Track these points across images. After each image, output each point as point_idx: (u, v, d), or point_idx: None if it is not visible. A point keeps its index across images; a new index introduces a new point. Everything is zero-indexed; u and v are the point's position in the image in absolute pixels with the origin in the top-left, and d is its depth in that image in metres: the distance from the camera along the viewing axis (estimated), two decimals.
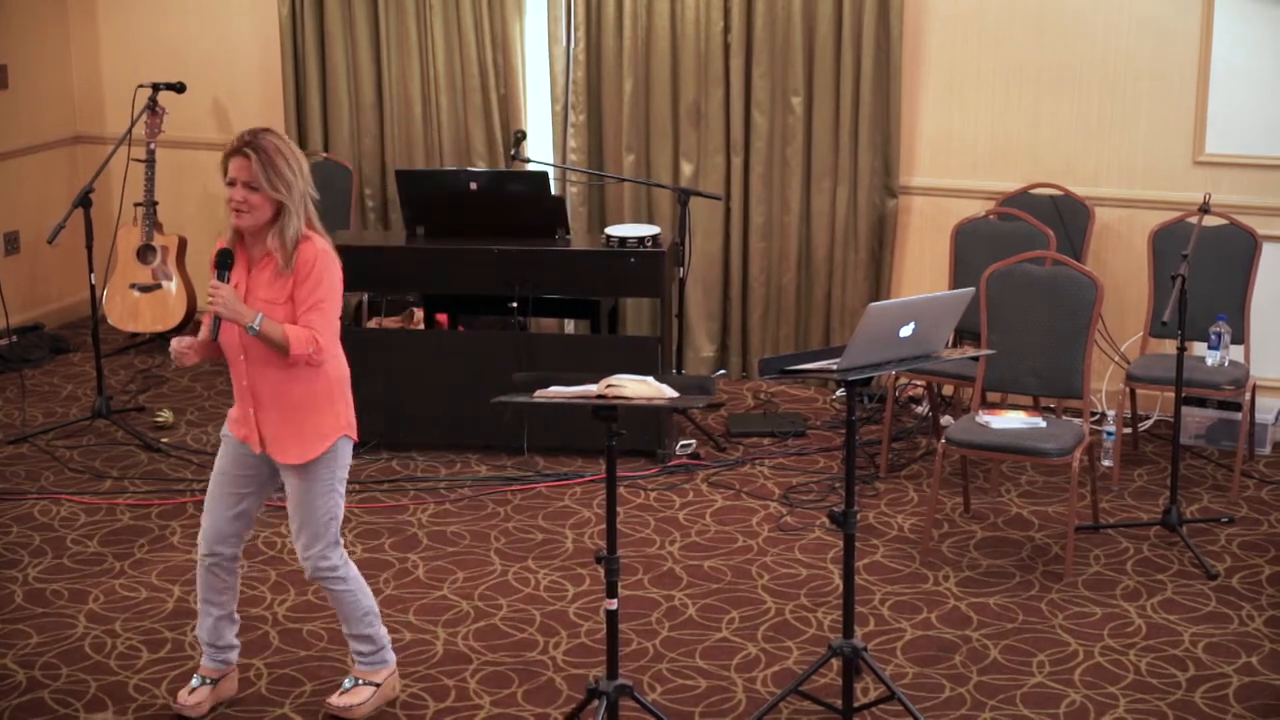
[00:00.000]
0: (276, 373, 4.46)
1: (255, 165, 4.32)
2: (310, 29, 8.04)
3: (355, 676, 4.77)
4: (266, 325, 4.36)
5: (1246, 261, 6.50)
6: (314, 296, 4.42)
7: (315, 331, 4.41)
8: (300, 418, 4.49)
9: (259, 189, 4.34)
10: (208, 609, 4.72)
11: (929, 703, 4.78)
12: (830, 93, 7.33)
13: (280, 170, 4.34)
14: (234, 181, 4.36)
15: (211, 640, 4.76)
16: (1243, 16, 6.76)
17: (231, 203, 4.37)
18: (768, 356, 6.56)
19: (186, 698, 4.73)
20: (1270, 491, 6.36)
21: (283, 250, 4.40)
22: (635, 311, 7.75)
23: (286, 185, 4.35)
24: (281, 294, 4.43)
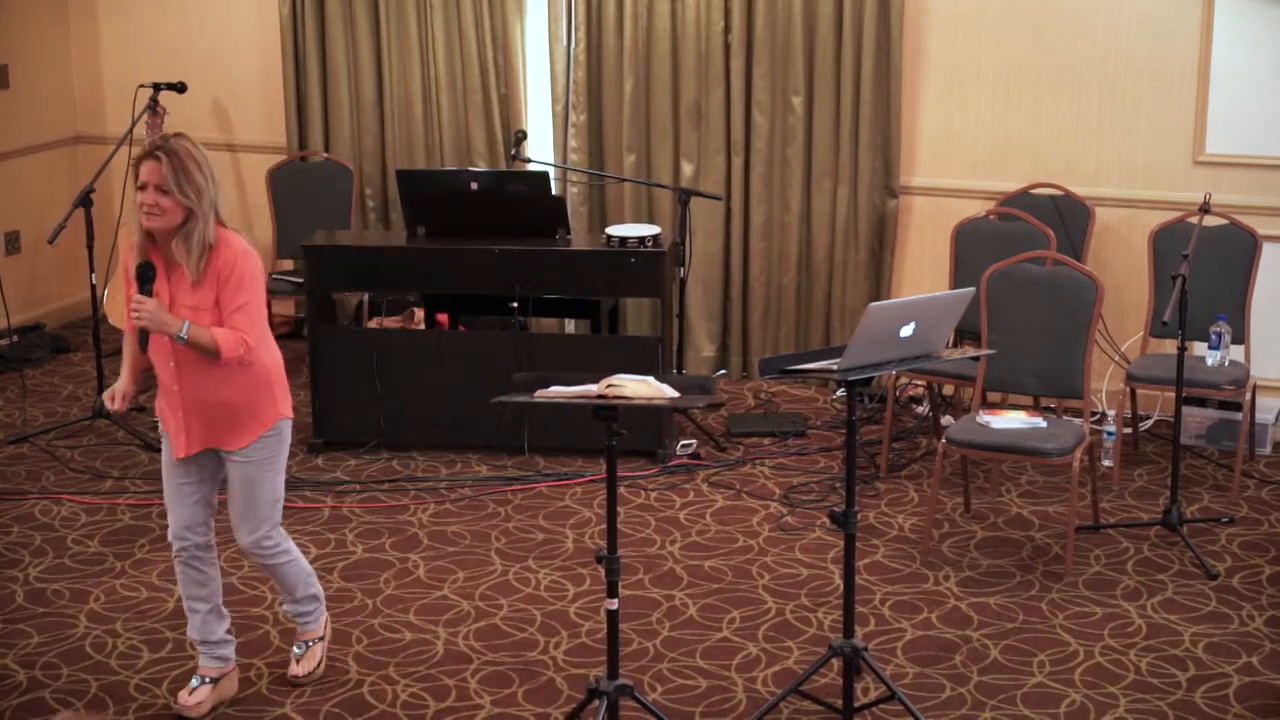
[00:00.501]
0: (208, 375, 4.52)
1: (166, 169, 4.36)
2: (311, 29, 8.04)
3: (303, 640, 4.92)
4: (194, 332, 4.41)
5: (1247, 261, 6.50)
6: (237, 299, 4.46)
7: (243, 333, 4.46)
8: (235, 413, 4.57)
9: (169, 193, 4.37)
10: (194, 605, 4.77)
11: (929, 703, 4.79)
12: (831, 93, 7.33)
13: (191, 175, 4.39)
14: (145, 185, 4.39)
15: (204, 637, 4.80)
16: (1243, 16, 6.76)
17: (143, 206, 4.39)
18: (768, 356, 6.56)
19: (187, 698, 4.75)
20: (1270, 491, 6.37)
21: (188, 258, 4.43)
22: (635, 311, 7.75)
23: (197, 191, 4.39)
24: (205, 299, 4.46)
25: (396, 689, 4.89)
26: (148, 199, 4.38)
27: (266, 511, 4.69)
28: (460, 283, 6.86)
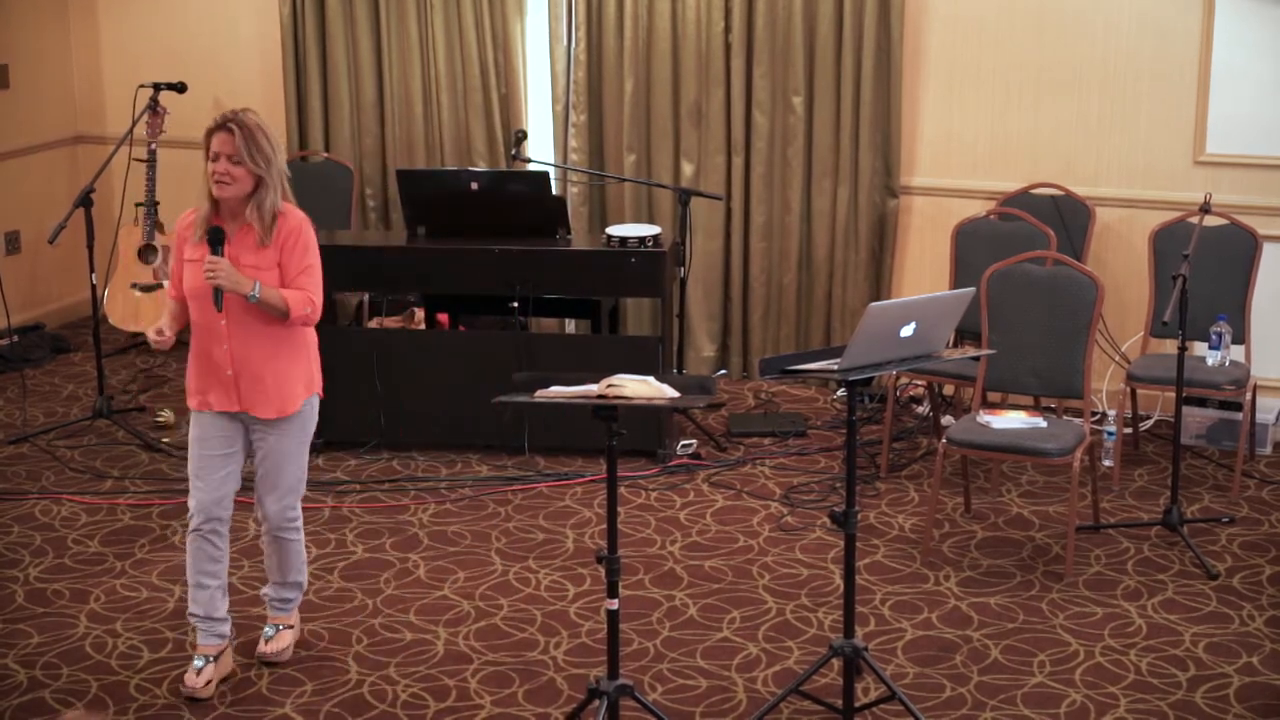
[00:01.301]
0: (257, 336, 4.73)
1: (239, 140, 4.61)
2: (311, 28, 8.04)
3: (275, 624, 5.07)
4: (265, 291, 4.65)
5: (1247, 261, 6.50)
6: (304, 261, 4.73)
7: (310, 293, 4.73)
8: (279, 377, 4.77)
9: (241, 163, 4.62)
10: (204, 581, 4.87)
11: (929, 703, 4.79)
12: (831, 93, 7.33)
13: (261, 146, 4.64)
14: (217, 155, 4.63)
15: (209, 613, 4.89)
16: (1243, 16, 6.76)
17: (214, 175, 4.63)
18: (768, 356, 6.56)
19: (195, 679, 4.83)
20: (1271, 491, 6.36)
21: (260, 222, 4.69)
22: (636, 311, 7.75)
23: (266, 160, 4.64)
24: (266, 262, 4.70)
25: (397, 689, 4.89)
26: (220, 169, 4.63)
27: (294, 483, 4.91)
28: (460, 283, 6.86)
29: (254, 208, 4.67)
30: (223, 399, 4.78)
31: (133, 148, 7.63)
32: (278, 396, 4.78)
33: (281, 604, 5.08)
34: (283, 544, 4.98)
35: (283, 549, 4.99)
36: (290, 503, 4.92)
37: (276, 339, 4.75)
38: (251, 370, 4.74)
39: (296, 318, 4.71)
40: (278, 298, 4.67)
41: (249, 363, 4.74)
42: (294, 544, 4.99)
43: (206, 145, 4.65)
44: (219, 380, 4.76)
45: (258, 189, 4.67)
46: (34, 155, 8.50)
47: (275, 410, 4.78)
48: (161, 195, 7.98)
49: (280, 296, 4.67)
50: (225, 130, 4.62)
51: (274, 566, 5.04)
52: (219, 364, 4.75)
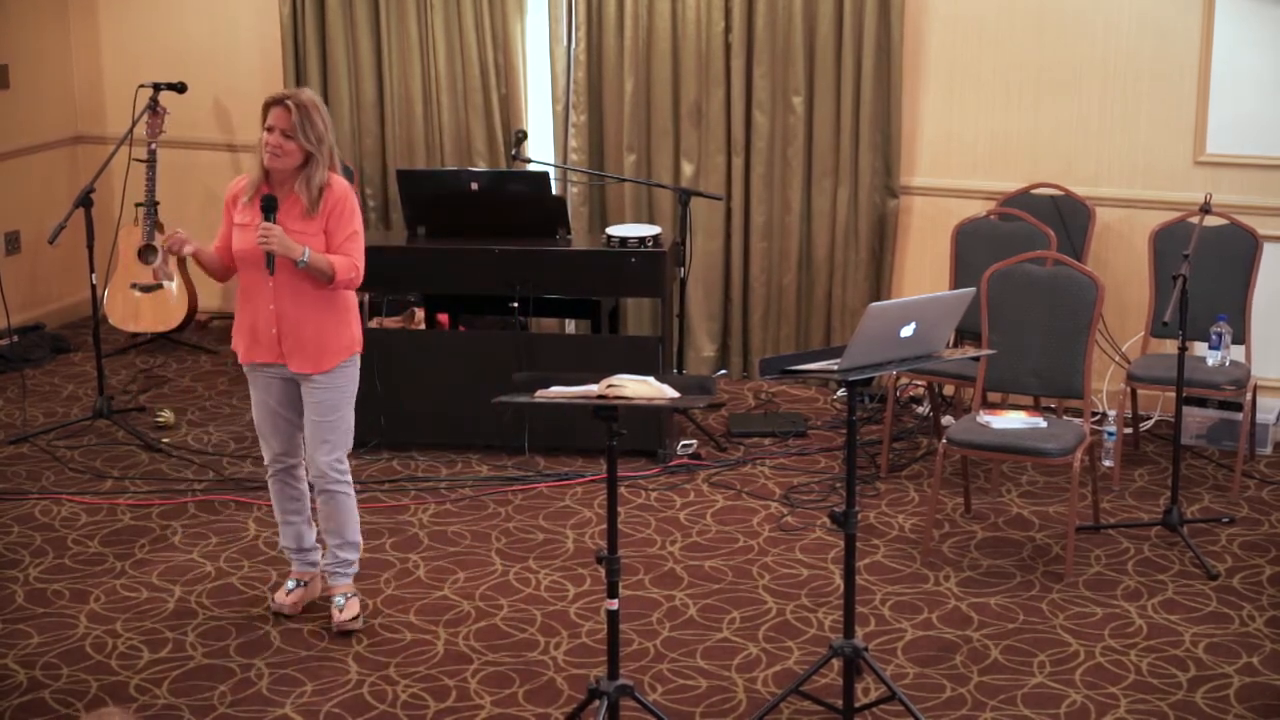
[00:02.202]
0: (302, 298, 5.03)
1: (295, 117, 4.92)
2: (311, 28, 8.04)
3: (341, 593, 5.27)
4: (313, 257, 4.95)
5: (1247, 261, 6.50)
6: (349, 228, 5.04)
7: (354, 259, 5.03)
8: (320, 337, 5.07)
9: (293, 137, 4.93)
10: (289, 518, 5.33)
11: (930, 703, 4.78)
12: (831, 93, 7.33)
13: (314, 123, 4.95)
14: (272, 128, 4.94)
15: (298, 545, 5.36)
16: (1243, 16, 6.76)
17: (268, 146, 4.95)
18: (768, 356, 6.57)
19: (284, 598, 5.31)
20: (1271, 492, 6.36)
21: (308, 195, 4.98)
22: (636, 311, 7.75)
23: (318, 138, 4.95)
24: (312, 229, 4.99)
25: (397, 689, 4.89)
26: (274, 141, 4.94)
27: (341, 436, 5.18)
28: (460, 283, 6.86)
29: (303, 181, 4.97)
30: (266, 353, 5.09)
31: (133, 148, 7.63)
32: (316, 353, 5.07)
33: (343, 569, 5.29)
34: (335, 499, 5.21)
35: (336, 504, 5.21)
36: (339, 455, 5.17)
37: (320, 301, 5.05)
38: (294, 329, 5.04)
39: (341, 281, 5.01)
40: (325, 263, 4.96)
41: (292, 322, 5.04)
42: (346, 498, 5.22)
43: (264, 116, 4.96)
44: (264, 337, 5.08)
45: (307, 163, 4.97)
46: (34, 155, 8.50)
47: (312, 365, 5.07)
48: (161, 195, 7.99)
49: (327, 262, 4.97)
50: (282, 106, 4.93)
51: (331, 528, 5.26)
52: (265, 322, 5.07)
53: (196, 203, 8.62)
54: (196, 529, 6.06)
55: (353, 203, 5.07)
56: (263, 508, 6.22)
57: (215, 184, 8.61)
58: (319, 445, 5.14)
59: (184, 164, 8.53)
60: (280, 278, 5.00)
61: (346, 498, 5.23)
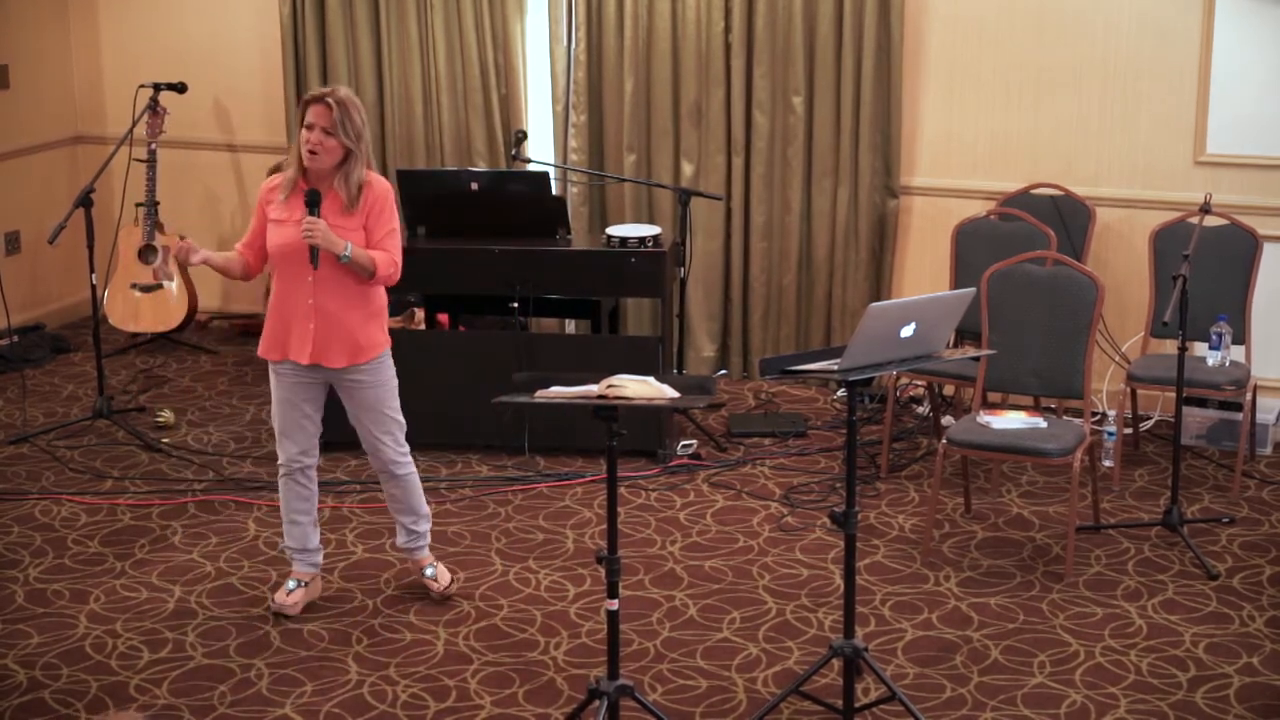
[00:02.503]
0: (340, 294, 5.09)
1: (335, 115, 4.96)
2: (311, 29, 8.04)
3: (428, 565, 5.46)
4: (356, 251, 5.02)
5: (1247, 261, 6.50)
6: (389, 225, 5.12)
7: (394, 255, 5.12)
8: (355, 332, 5.14)
9: (333, 135, 4.97)
10: (296, 518, 5.34)
11: (930, 703, 4.78)
12: (831, 93, 7.33)
13: (354, 120, 5.00)
14: (311, 126, 4.97)
15: (303, 545, 5.37)
16: (1243, 16, 6.76)
17: (308, 144, 4.97)
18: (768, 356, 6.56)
19: (285, 597, 5.33)
20: (1271, 492, 6.36)
21: (347, 192, 5.03)
22: (636, 311, 7.75)
23: (357, 135, 5.00)
24: (352, 225, 5.05)
25: (396, 689, 4.89)
26: (314, 139, 4.97)
27: (395, 422, 5.30)
28: (460, 283, 6.86)
29: (342, 178, 5.02)
30: (300, 351, 5.12)
31: (133, 148, 7.63)
32: (353, 348, 5.13)
33: (419, 541, 5.44)
34: (404, 481, 5.35)
35: (406, 486, 5.36)
36: (399, 437, 5.30)
37: (356, 298, 5.12)
38: (331, 325, 5.10)
39: (382, 276, 5.09)
40: (366, 258, 5.04)
41: (330, 318, 5.09)
42: (412, 476, 5.36)
43: (302, 114, 5.00)
44: (300, 333, 5.11)
45: (346, 160, 5.01)
46: (34, 155, 8.50)
47: (346, 359, 5.13)
48: (161, 195, 7.99)
49: (369, 257, 5.04)
50: (322, 104, 4.96)
51: (403, 508, 5.39)
52: (301, 317, 5.11)
53: (196, 203, 8.62)
54: (196, 529, 6.06)
55: (392, 201, 5.13)
56: (263, 508, 6.22)
57: (215, 184, 8.61)
58: (381, 439, 5.27)
59: (184, 164, 8.53)
60: (320, 273, 5.05)
61: (412, 475, 5.37)
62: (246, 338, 8.44)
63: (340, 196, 5.04)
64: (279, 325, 5.17)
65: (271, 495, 6.34)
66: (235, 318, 8.64)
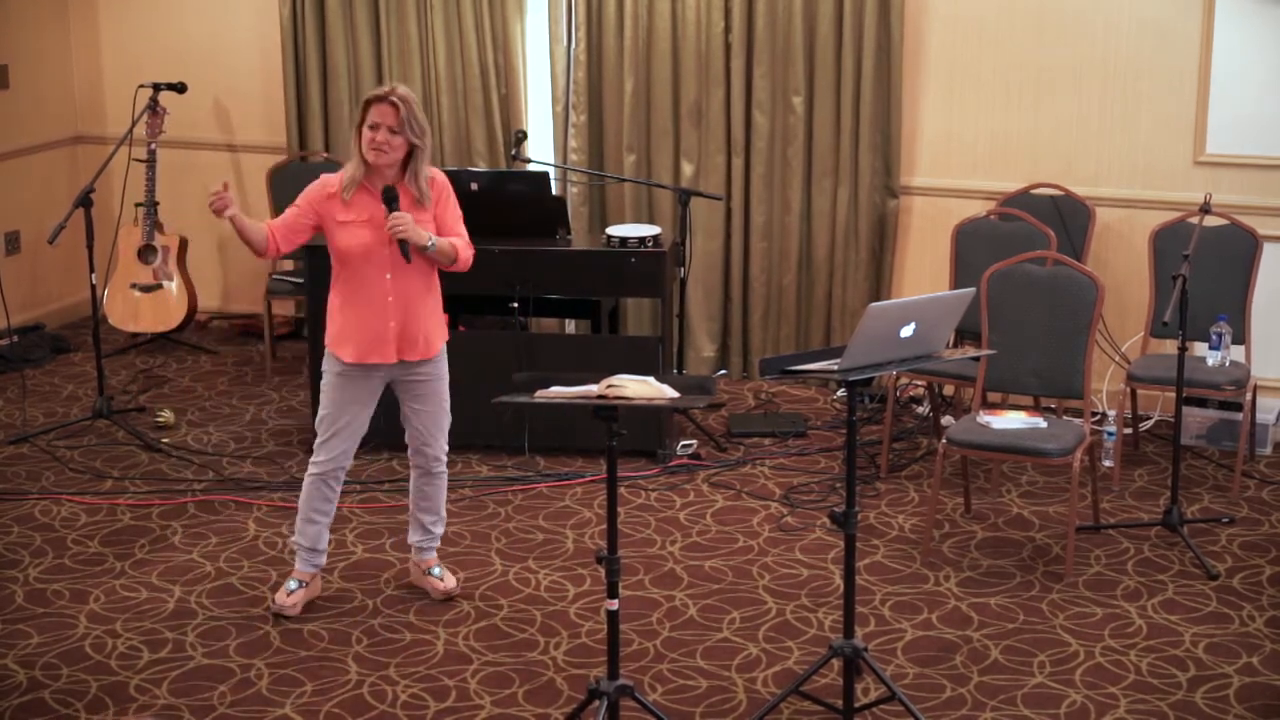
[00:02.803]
0: (416, 287, 5.16)
1: (402, 113, 4.99)
2: (311, 29, 8.04)
3: (433, 565, 5.50)
4: (440, 242, 5.11)
5: (1247, 261, 6.50)
6: (457, 212, 5.23)
7: (467, 239, 5.24)
8: (429, 324, 5.24)
9: (399, 133, 5.01)
10: (315, 518, 5.34)
11: (930, 703, 4.78)
12: (831, 93, 7.33)
13: (418, 117, 5.04)
14: (377, 125, 5.00)
15: (314, 545, 5.37)
16: (1243, 16, 6.76)
17: (373, 143, 5.01)
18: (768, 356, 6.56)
19: (285, 599, 5.33)
20: (1271, 492, 6.36)
21: (417, 187, 5.10)
22: (636, 311, 7.75)
23: (422, 130, 5.05)
24: (424, 218, 5.10)
25: (396, 689, 4.89)
26: (380, 138, 5.00)
27: (447, 420, 5.40)
28: (460, 283, 6.83)
29: (411, 175, 5.08)
30: (381, 351, 5.16)
31: (132, 148, 7.63)
32: (425, 339, 5.22)
33: (435, 540, 5.50)
34: (440, 480, 5.42)
35: (439, 485, 5.43)
36: (446, 436, 5.38)
37: (427, 290, 5.21)
38: (410, 320, 5.17)
39: (463, 260, 5.20)
40: (448, 245, 5.14)
41: (408, 312, 5.16)
42: (446, 476, 5.46)
43: (364, 113, 5.02)
44: (379, 333, 5.15)
45: (411, 157, 5.06)
46: (34, 155, 8.50)
47: (423, 351, 5.21)
48: (161, 195, 7.99)
49: (449, 244, 5.15)
50: (387, 103, 4.98)
51: (429, 506, 5.44)
52: (381, 316, 5.14)
53: (196, 203, 8.60)
54: (196, 529, 6.06)
55: (452, 190, 5.24)
56: (263, 508, 6.22)
57: (215, 184, 8.57)
58: (438, 433, 5.35)
59: (184, 164, 8.53)
60: (398, 269, 5.10)
61: (446, 475, 5.45)
62: (246, 338, 8.45)
63: (410, 192, 5.09)
64: (354, 325, 5.16)
65: (271, 496, 6.34)
66: (235, 318, 8.64)
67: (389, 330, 5.15)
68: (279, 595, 5.36)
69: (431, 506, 5.45)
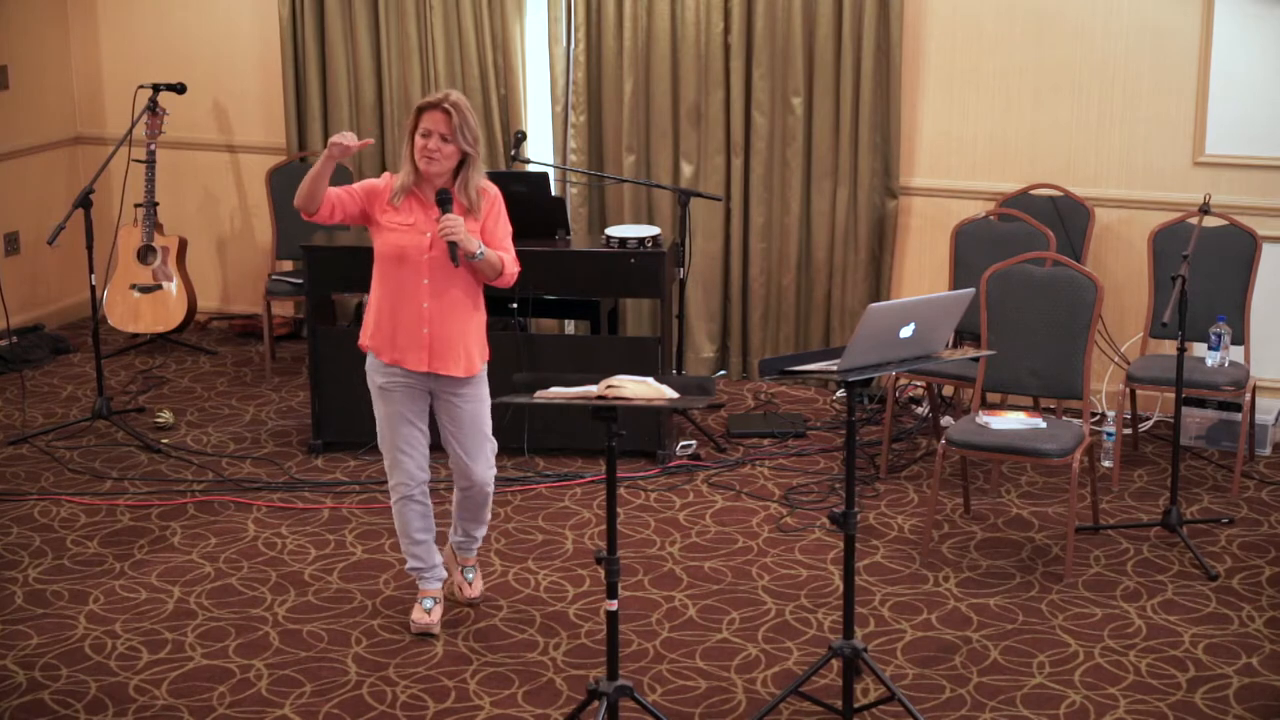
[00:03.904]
0: (454, 298, 5.06)
1: (455, 120, 4.94)
2: (310, 29, 8.04)
3: (469, 565, 5.46)
4: (488, 251, 5.02)
5: (1246, 262, 6.50)
6: (506, 228, 5.16)
7: (514, 255, 5.15)
8: (468, 338, 5.10)
9: (452, 140, 4.96)
10: (418, 538, 5.25)
11: (929, 704, 4.78)
12: (830, 94, 7.33)
13: (471, 125, 4.98)
14: (429, 133, 4.95)
15: (429, 564, 5.29)
16: (1243, 17, 6.76)
17: (425, 150, 4.95)
18: (768, 357, 6.57)
19: (427, 618, 5.23)
20: (1270, 492, 6.37)
21: (468, 196, 5.03)
22: (635, 312, 7.75)
23: (474, 138, 4.99)
24: (472, 228, 5.02)
25: (396, 690, 4.89)
26: (432, 145, 4.95)
27: (488, 443, 5.22)
28: None
29: (461, 182, 5.02)
30: (416, 358, 5.05)
31: (132, 148, 7.63)
32: (465, 356, 5.08)
33: (471, 545, 5.44)
34: (487, 497, 5.29)
35: (485, 503, 5.31)
36: (490, 457, 5.23)
37: (467, 302, 5.09)
38: (446, 330, 5.04)
39: (508, 275, 5.10)
40: (495, 257, 5.04)
41: (445, 322, 5.04)
42: (490, 496, 5.30)
43: (416, 120, 4.96)
44: (414, 339, 5.05)
45: (463, 165, 5.01)
46: (34, 156, 8.50)
47: (464, 369, 5.07)
48: (160, 196, 8.00)
49: (497, 256, 5.05)
50: (440, 110, 4.93)
51: (472, 517, 5.35)
52: (415, 323, 5.04)
53: (195, 203, 8.62)
54: (196, 530, 6.05)
55: (504, 204, 5.16)
56: (262, 509, 6.22)
57: (214, 184, 8.61)
58: (478, 457, 5.17)
59: (183, 164, 8.53)
60: (435, 276, 5.01)
61: (490, 496, 5.32)
62: (246, 338, 8.45)
63: (461, 201, 5.01)
64: (389, 327, 5.07)
65: (271, 496, 6.35)
66: (235, 318, 8.64)
67: (423, 337, 5.03)
68: (416, 615, 5.24)
69: (474, 517, 5.36)
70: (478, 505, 5.30)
